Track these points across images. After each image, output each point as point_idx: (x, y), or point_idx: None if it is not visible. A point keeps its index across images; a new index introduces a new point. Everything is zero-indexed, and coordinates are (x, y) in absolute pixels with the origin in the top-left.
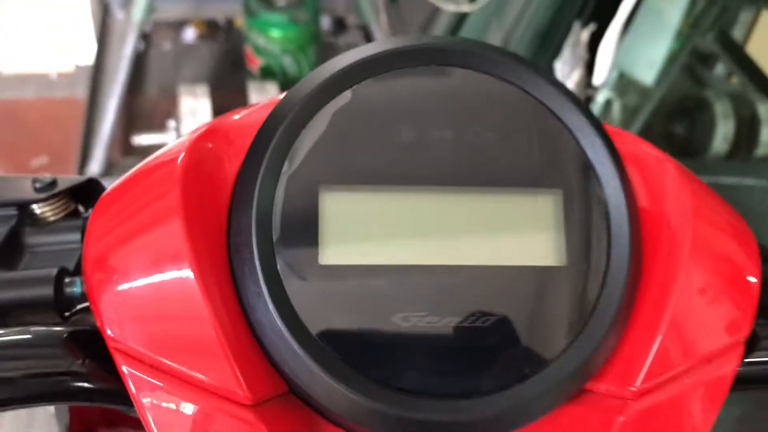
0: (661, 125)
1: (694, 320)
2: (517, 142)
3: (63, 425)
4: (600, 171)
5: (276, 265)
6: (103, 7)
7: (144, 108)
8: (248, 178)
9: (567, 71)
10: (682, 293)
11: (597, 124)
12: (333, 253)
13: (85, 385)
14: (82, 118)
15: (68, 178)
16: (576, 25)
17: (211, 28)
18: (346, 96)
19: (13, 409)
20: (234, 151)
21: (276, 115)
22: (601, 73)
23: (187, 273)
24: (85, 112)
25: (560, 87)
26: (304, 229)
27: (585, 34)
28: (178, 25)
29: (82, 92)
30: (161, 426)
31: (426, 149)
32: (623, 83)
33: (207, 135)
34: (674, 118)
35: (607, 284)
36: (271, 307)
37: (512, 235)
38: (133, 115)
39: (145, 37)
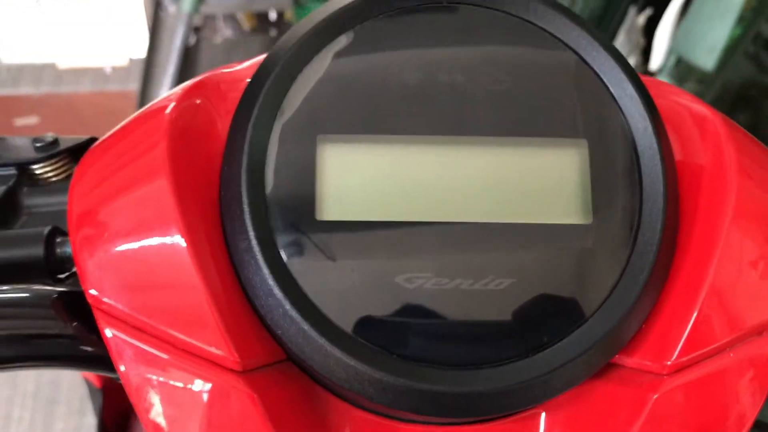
0: (724, 114)
1: (738, 288)
2: (534, 87)
3: (96, 407)
4: (630, 118)
5: (268, 219)
6: (155, 1)
7: None
8: (240, 125)
9: None
10: (725, 257)
11: (627, 67)
12: (331, 208)
13: (72, 349)
14: (135, 110)
15: (71, 138)
16: (631, 10)
17: (261, 21)
18: (348, 37)
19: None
20: (226, 107)
21: (271, 58)
22: (657, 58)
23: (174, 229)
24: (137, 104)
25: (583, 24)
26: (300, 181)
27: (641, 19)
28: (229, 19)
29: (135, 86)
30: (142, 392)
31: (434, 95)
32: (682, 70)
33: (197, 87)
34: (737, 107)
35: (638, 245)
36: (261, 264)
37: (530, 189)
38: None
39: (196, 30)
